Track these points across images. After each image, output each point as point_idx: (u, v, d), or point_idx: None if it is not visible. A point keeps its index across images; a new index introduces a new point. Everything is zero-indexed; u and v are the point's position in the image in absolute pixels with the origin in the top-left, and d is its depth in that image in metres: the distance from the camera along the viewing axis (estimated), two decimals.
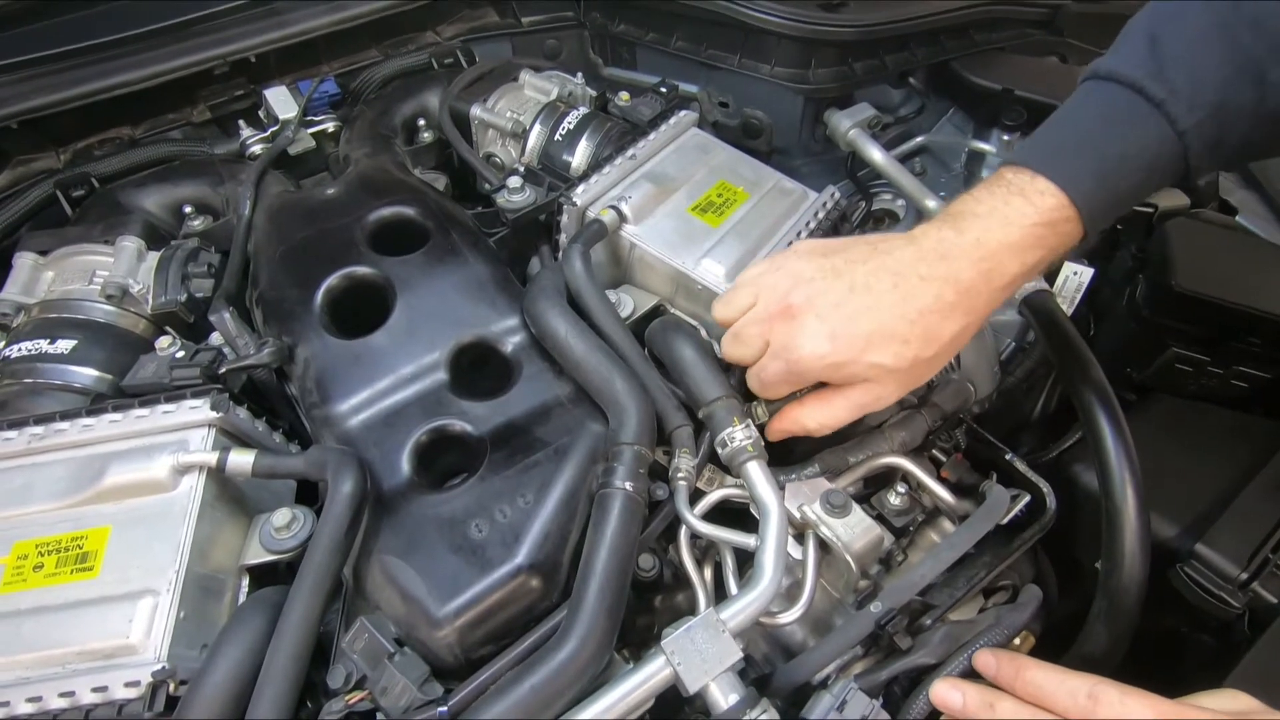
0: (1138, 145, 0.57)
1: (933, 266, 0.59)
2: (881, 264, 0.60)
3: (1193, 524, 0.74)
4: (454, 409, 0.68)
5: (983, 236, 0.58)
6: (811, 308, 0.60)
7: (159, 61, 1.00)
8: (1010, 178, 0.59)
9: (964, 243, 0.58)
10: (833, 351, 0.59)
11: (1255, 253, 0.96)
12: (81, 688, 0.54)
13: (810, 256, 0.63)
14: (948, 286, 0.58)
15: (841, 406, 0.63)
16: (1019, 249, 0.58)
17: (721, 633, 0.55)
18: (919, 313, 0.58)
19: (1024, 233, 0.58)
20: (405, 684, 0.54)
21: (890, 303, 0.58)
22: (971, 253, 0.58)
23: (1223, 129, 0.56)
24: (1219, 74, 0.55)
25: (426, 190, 0.89)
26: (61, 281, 0.82)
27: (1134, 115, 0.57)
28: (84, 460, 0.64)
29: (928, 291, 0.58)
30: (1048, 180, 0.57)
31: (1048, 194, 0.57)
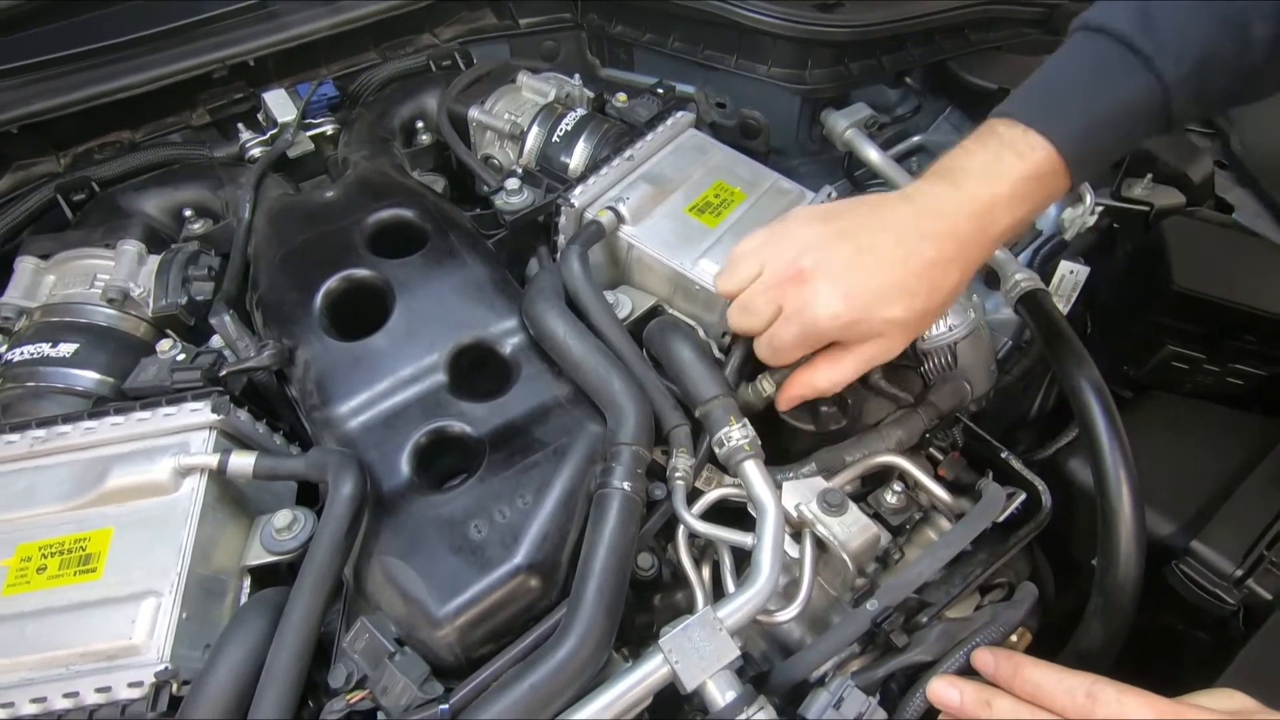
0: (1125, 98, 0.60)
1: (932, 223, 0.62)
2: (883, 224, 0.63)
3: (1188, 521, 0.74)
4: (453, 410, 0.69)
5: (977, 191, 0.61)
6: (823, 271, 0.62)
7: (158, 65, 1.01)
8: (1001, 131, 0.62)
9: (960, 198, 0.61)
10: (847, 310, 0.61)
11: (1252, 251, 0.96)
12: (85, 688, 0.55)
13: (812, 222, 0.65)
14: (947, 240, 0.61)
15: (851, 363, 0.65)
16: (1010, 202, 0.61)
17: (719, 631, 0.55)
18: (924, 266, 0.61)
19: (1015, 186, 0.61)
20: (406, 683, 0.54)
21: (897, 259, 0.61)
22: (966, 207, 0.61)
23: (1205, 81, 0.58)
24: (1203, 28, 0.58)
25: (425, 192, 0.90)
26: (63, 285, 0.83)
27: (1123, 68, 0.59)
28: (86, 463, 0.64)
29: (930, 247, 0.61)
30: (1038, 134, 0.60)
31: (1038, 148, 0.60)
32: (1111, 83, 0.60)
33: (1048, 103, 0.62)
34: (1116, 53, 0.60)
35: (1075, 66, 0.63)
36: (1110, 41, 0.60)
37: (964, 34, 1.18)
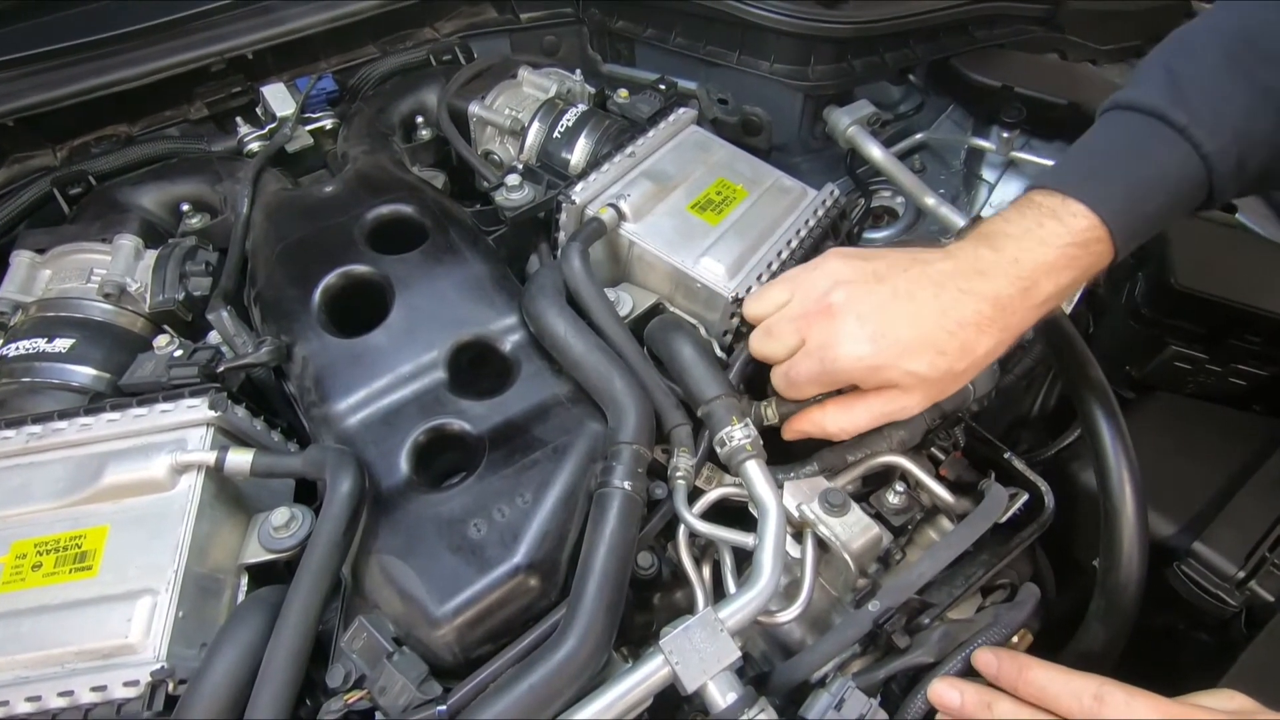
0: (1164, 168, 0.58)
1: (972, 281, 0.59)
2: (923, 273, 0.60)
3: (1190, 522, 0.74)
4: (452, 408, 0.68)
5: (1020, 256, 0.59)
6: (853, 309, 0.60)
7: (156, 59, 1.00)
8: (1040, 200, 0.60)
9: (1002, 260, 0.59)
10: (872, 354, 0.59)
11: (1255, 251, 0.96)
12: (80, 687, 0.54)
13: (849, 259, 0.64)
14: (986, 302, 0.58)
15: (864, 412, 0.63)
16: (1054, 269, 0.59)
17: (719, 632, 0.55)
18: (958, 324, 0.58)
19: (1058, 253, 0.58)
20: (404, 683, 0.54)
21: (931, 312, 0.59)
22: (1009, 270, 0.59)
23: (1244, 154, 0.57)
24: (1238, 102, 0.57)
25: (425, 188, 0.89)
26: (59, 280, 0.82)
27: (1158, 140, 0.58)
28: (82, 459, 0.64)
29: (968, 305, 0.58)
30: (1079, 203, 0.58)
31: (1080, 215, 0.58)
32: (1149, 154, 0.59)
33: (1086, 173, 0.61)
34: (1151, 127, 0.59)
35: (1109, 141, 0.62)
36: (1142, 117, 0.59)
37: (967, 31, 1.18)
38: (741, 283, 0.77)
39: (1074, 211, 0.59)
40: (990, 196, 1.05)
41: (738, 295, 0.76)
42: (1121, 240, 0.59)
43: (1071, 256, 0.59)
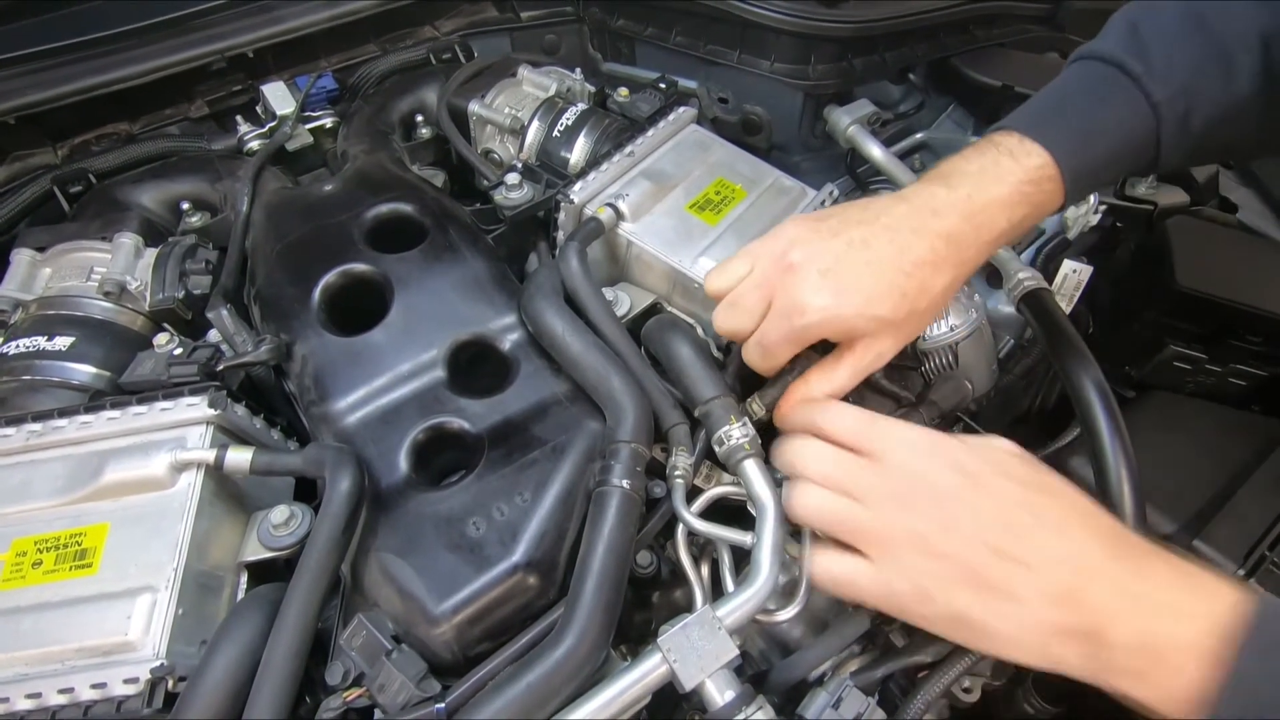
0: (1116, 114, 0.62)
1: (925, 221, 0.61)
2: (875, 221, 0.62)
3: (1190, 521, 0.74)
4: (451, 406, 0.68)
5: (973, 192, 0.61)
6: (813, 264, 0.60)
7: (156, 57, 1.00)
8: (999, 140, 0.63)
9: (955, 198, 0.61)
10: (835, 304, 0.59)
11: (1255, 251, 0.96)
12: (80, 684, 0.54)
13: (804, 221, 0.65)
14: (940, 239, 0.60)
15: (844, 370, 0.64)
16: (1007, 205, 0.61)
17: (718, 630, 0.55)
18: (914, 264, 0.60)
19: (1011, 189, 0.61)
20: (403, 681, 0.54)
21: (888, 256, 0.60)
22: (962, 207, 0.61)
23: (1190, 108, 0.61)
24: (1190, 56, 0.61)
25: (424, 187, 0.89)
26: (59, 278, 0.82)
27: (1114, 87, 0.62)
28: (82, 457, 0.64)
29: (922, 244, 0.60)
30: (1034, 142, 0.62)
31: (1034, 154, 0.61)
32: (1103, 99, 0.62)
33: (1044, 116, 0.64)
34: (1108, 74, 0.62)
35: (1070, 87, 0.65)
36: (1103, 65, 0.63)
37: (968, 30, 1.18)
38: None
39: (1029, 150, 0.61)
40: None
41: None
42: (1071, 180, 0.61)
43: (1024, 194, 0.61)
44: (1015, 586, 0.48)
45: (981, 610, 0.49)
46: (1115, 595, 0.45)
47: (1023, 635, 0.48)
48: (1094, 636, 0.45)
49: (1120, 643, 0.45)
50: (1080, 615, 0.46)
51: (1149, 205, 0.96)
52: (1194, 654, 0.43)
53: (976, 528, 0.50)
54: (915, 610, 0.52)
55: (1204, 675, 0.42)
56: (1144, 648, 0.44)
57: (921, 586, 0.51)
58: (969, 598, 0.49)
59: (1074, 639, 0.46)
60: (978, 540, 0.50)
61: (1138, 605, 0.45)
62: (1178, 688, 0.43)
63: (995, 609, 0.48)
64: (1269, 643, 0.42)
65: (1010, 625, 0.48)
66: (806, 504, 0.56)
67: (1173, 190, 0.97)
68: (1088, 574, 0.47)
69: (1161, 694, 0.44)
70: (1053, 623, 0.47)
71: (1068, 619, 0.46)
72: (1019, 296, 0.83)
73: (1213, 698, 0.42)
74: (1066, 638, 0.47)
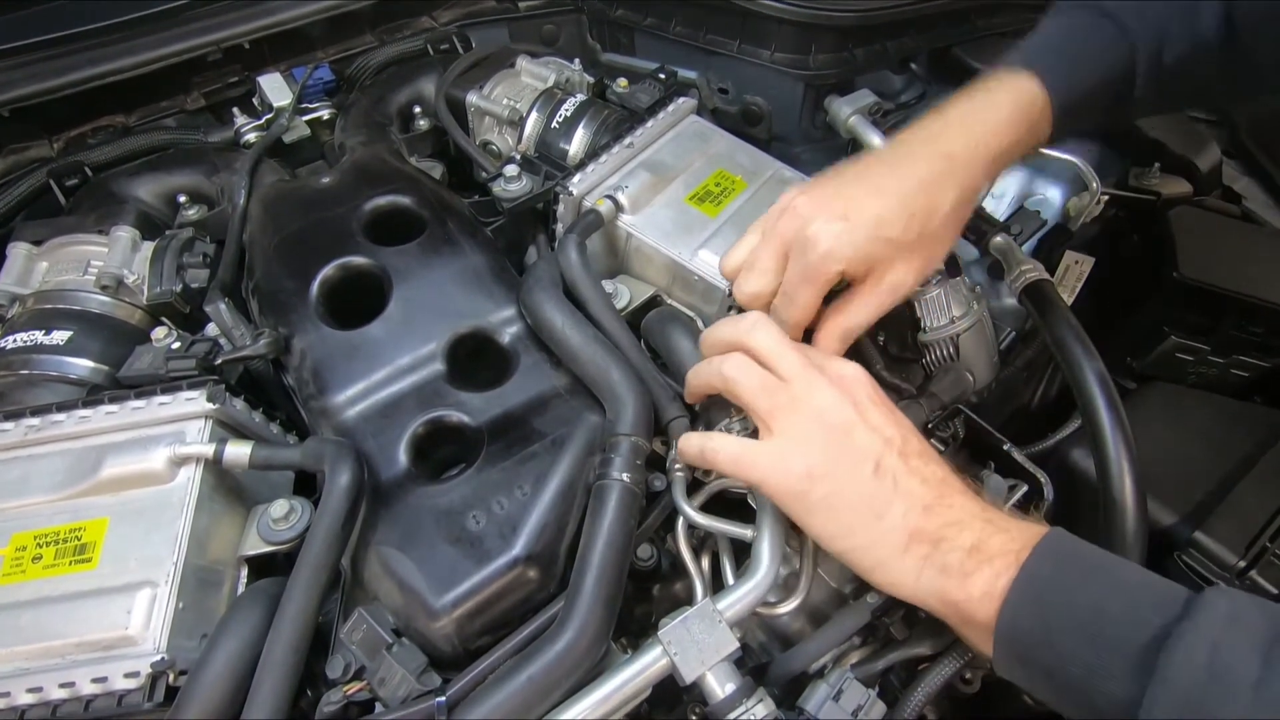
0: (1098, 47, 0.66)
1: (922, 146, 0.64)
2: (872, 159, 0.66)
3: (1191, 512, 0.74)
4: (451, 400, 0.68)
5: (967, 115, 0.65)
6: (817, 202, 0.62)
7: (152, 48, 0.99)
8: (989, 75, 0.67)
9: (950, 124, 0.65)
10: (846, 229, 0.60)
11: (1258, 241, 0.95)
12: (81, 678, 0.54)
13: (803, 184, 0.67)
14: (939, 158, 0.63)
15: (861, 304, 0.65)
16: (999, 128, 0.64)
17: (718, 623, 0.55)
18: (918, 183, 0.62)
19: (1004, 113, 0.64)
20: (403, 674, 0.54)
21: (891, 180, 0.62)
22: (958, 131, 0.64)
23: (1162, 44, 0.65)
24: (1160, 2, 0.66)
25: (423, 179, 0.89)
26: (56, 272, 0.82)
27: (1094, 25, 0.67)
28: (81, 452, 0.64)
29: (921, 164, 0.63)
30: (1025, 70, 0.65)
31: (1024, 81, 0.65)
32: (1086, 36, 0.67)
33: (1030, 51, 0.68)
34: (1089, 14, 0.67)
35: (1055, 27, 0.69)
36: (1084, 7, 0.67)
37: (969, 20, 1.17)
38: None
39: (1019, 79, 0.65)
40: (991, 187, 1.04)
41: None
42: (1059, 109, 0.65)
43: (1015, 120, 0.64)
44: (896, 491, 0.54)
45: (853, 510, 0.54)
46: (963, 514, 0.53)
47: (887, 536, 0.53)
48: (941, 540, 0.52)
49: (959, 545, 0.51)
50: (934, 523, 0.52)
51: (1152, 196, 0.95)
52: (1013, 558, 0.49)
53: (880, 433, 0.55)
54: (795, 491, 0.55)
55: (1010, 575, 0.49)
56: (976, 549, 0.51)
57: (812, 470, 0.54)
58: (861, 488, 0.54)
59: (923, 543, 0.52)
60: (879, 441, 0.55)
61: (977, 524, 0.52)
62: (992, 584, 0.49)
63: (876, 503, 0.54)
64: (1057, 550, 0.49)
65: (882, 525, 0.53)
66: (737, 367, 0.58)
67: (1176, 180, 0.97)
68: (948, 497, 0.54)
69: (976, 592, 0.50)
70: (912, 528, 0.53)
71: (924, 526, 0.52)
72: (1021, 288, 0.83)
73: (1004, 589, 0.49)
74: (918, 542, 0.52)
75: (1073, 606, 0.47)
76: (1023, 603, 0.48)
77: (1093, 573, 0.49)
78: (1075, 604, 0.47)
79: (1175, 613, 0.44)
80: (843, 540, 0.55)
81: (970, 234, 0.91)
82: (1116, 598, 0.47)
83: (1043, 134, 0.67)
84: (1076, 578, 0.48)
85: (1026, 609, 0.48)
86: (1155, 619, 0.44)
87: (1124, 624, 0.45)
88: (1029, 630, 0.48)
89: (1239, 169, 1.05)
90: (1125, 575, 0.49)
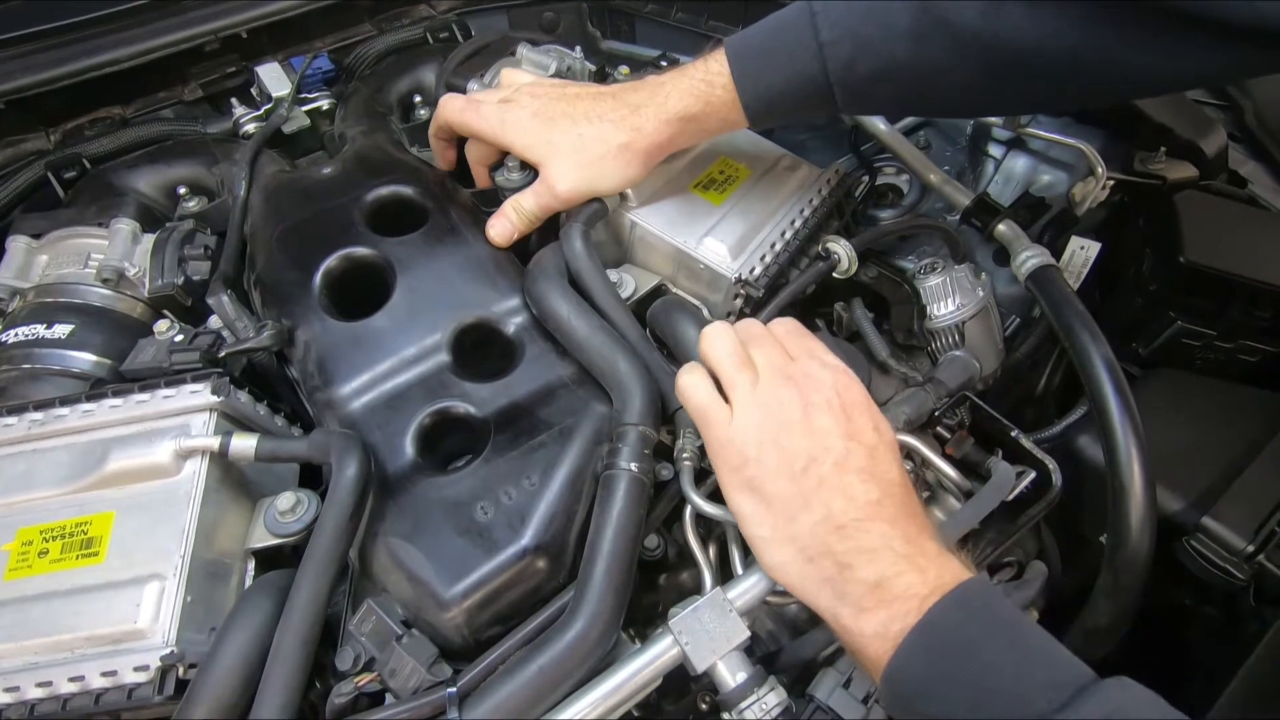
0: (788, 44, 0.68)
1: (625, 91, 0.75)
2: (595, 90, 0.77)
3: (1199, 497, 0.74)
4: (457, 391, 0.68)
5: (665, 80, 0.73)
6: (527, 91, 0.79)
7: (148, 38, 0.98)
8: (713, 51, 0.72)
9: (647, 84, 0.74)
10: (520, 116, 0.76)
11: (1264, 225, 0.95)
12: (91, 672, 0.54)
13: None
14: (625, 106, 0.73)
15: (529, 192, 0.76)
16: (684, 92, 0.71)
17: (729, 612, 0.55)
18: (598, 116, 0.73)
19: (691, 82, 0.71)
20: (414, 665, 0.54)
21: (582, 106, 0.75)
22: (648, 89, 0.73)
23: (856, 54, 0.65)
24: (863, 4, 0.65)
25: (424, 169, 0.88)
26: (56, 265, 0.81)
27: (795, 21, 0.68)
28: (85, 446, 0.63)
29: (608, 102, 0.74)
30: (722, 49, 0.71)
31: (715, 55, 0.71)
32: (782, 29, 0.69)
33: (737, 41, 0.71)
34: (800, 11, 0.67)
35: (771, 18, 0.71)
36: (799, 8, 0.68)
37: None
38: (744, 263, 0.76)
39: (716, 54, 0.71)
40: (996, 173, 1.03)
41: (741, 276, 0.75)
42: (743, 89, 0.69)
43: (700, 91, 0.71)
44: (815, 501, 0.53)
45: (782, 501, 0.54)
46: (879, 544, 0.51)
47: (796, 539, 0.54)
48: (845, 567, 0.51)
49: (862, 579, 0.51)
50: (845, 545, 0.52)
51: (1158, 180, 0.95)
52: (916, 603, 0.49)
53: (821, 440, 0.55)
54: (731, 464, 0.57)
55: (907, 621, 0.48)
56: (879, 586, 0.50)
57: (745, 452, 0.56)
58: (781, 485, 0.54)
59: (828, 561, 0.52)
60: (818, 447, 0.55)
61: (890, 558, 0.51)
62: (886, 627, 0.49)
63: (791, 505, 0.54)
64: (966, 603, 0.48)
65: (793, 527, 0.54)
66: (718, 338, 0.61)
67: (1181, 165, 0.96)
68: (868, 521, 0.52)
69: (869, 630, 0.50)
70: (822, 543, 0.52)
71: (834, 545, 0.52)
72: (1027, 274, 0.83)
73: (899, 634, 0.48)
74: (824, 558, 0.52)
75: (964, 667, 0.46)
76: (916, 650, 0.48)
77: (996, 634, 0.47)
78: (967, 665, 0.46)
79: (1063, 698, 0.43)
80: (755, 527, 0.56)
81: (975, 220, 0.91)
82: (1010, 668, 0.46)
83: (732, 118, 0.71)
84: (977, 636, 0.47)
85: (918, 657, 0.48)
86: (1040, 700, 0.43)
87: (1008, 697, 0.44)
88: (916, 678, 0.48)
89: (1245, 152, 1.04)
90: (1028, 645, 0.47)
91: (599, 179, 0.74)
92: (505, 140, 0.76)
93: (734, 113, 0.71)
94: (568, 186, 0.73)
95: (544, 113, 0.75)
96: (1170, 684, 0.75)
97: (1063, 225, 0.94)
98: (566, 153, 0.73)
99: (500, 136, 0.76)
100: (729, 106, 0.70)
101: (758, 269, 0.76)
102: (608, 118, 0.73)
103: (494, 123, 0.76)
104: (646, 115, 0.72)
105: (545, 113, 0.75)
